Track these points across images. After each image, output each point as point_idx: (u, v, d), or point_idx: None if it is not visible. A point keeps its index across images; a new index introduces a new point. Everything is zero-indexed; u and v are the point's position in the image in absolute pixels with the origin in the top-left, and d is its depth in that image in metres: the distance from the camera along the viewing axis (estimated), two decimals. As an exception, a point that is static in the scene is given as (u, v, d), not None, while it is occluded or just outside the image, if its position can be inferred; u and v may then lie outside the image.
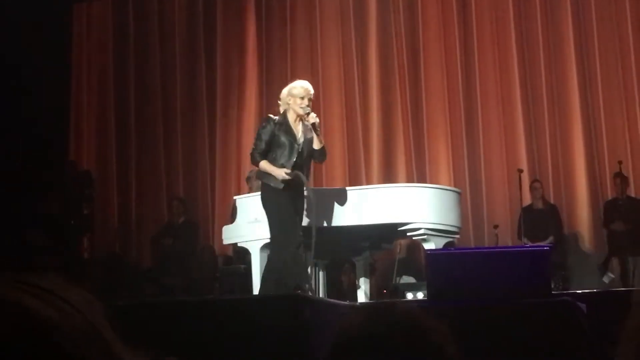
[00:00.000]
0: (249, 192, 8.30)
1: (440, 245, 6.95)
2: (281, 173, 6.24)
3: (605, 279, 9.32)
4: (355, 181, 10.24)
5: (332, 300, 5.79)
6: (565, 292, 5.50)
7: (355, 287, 7.88)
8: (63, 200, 9.80)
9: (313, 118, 6.34)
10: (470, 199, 10.30)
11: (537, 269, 4.70)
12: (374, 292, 9.46)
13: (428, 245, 6.91)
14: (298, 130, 6.42)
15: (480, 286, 4.76)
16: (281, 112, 6.50)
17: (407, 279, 9.43)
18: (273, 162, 6.34)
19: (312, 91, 6.47)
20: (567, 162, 10.30)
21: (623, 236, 9.12)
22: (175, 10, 11.68)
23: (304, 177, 6.40)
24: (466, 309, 4.72)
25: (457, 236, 7.51)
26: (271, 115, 6.55)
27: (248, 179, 8.74)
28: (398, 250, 9.70)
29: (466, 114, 10.57)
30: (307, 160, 6.51)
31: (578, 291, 5.49)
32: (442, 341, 1.18)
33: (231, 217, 7.71)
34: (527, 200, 9.91)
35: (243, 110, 11.24)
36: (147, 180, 11.41)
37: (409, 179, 10.31)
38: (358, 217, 6.87)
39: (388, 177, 10.45)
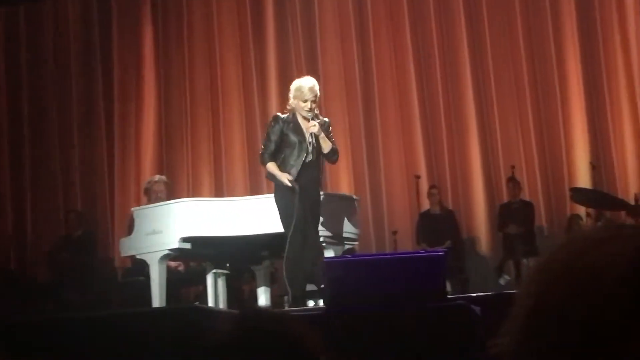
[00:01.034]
0: (147, 203, 8.22)
1: (340, 253, 7.00)
2: (284, 180, 6.20)
3: (502, 281, 9.52)
4: (256, 191, 10.21)
5: (229, 310, 5.76)
6: (460, 295, 5.59)
7: (256, 295, 7.88)
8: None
9: (313, 127, 6.23)
10: (370, 205, 10.41)
11: (433, 274, 4.78)
12: (275, 301, 9.47)
13: (328, 253, 6.94)
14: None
15: (377, 292, 4.80)
16: (289, 108, 6.41)
17: (309, 287, 9.45)
18: (283, 162, 6.29)
19: (317, 92, 6.37)
20: (464, 167, 10.51)
21: (517, 239, 9.35)
22: (69, 17, 11.46)
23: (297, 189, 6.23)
24: (364, 315, 4.76)
25: (356, 243, 7.57)
26: (279, 114, 6.45)
27: (146, 190, 8.64)
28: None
29: (365, 121, 10.68)
30: (318, 159, 6.40)
31: (473, 294, 5.60)
32: (313, 349, 1.19)
33: (129, 228, 7.61)
34: (425, 205, 10.08)
35: (141, 120, 11.12)
36: (43, 193, 11.14)
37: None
38: (257, 226, 6.87)
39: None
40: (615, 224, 0.97)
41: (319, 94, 6.41)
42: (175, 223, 6.91)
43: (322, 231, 6.87)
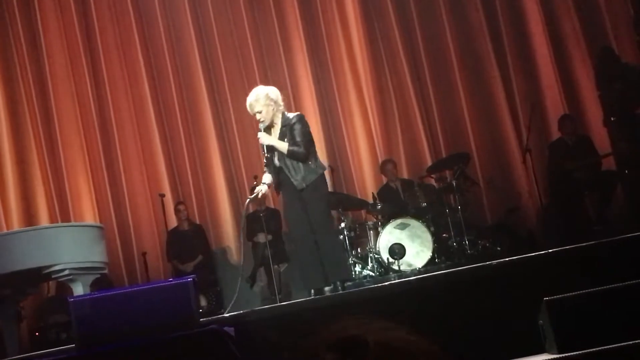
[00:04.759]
0: None
1: (88, 283, 6.80)
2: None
3: (256, 288, 9.66)
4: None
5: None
6: (212, 318, 5.61)
7: (1, 335, 7.49)
8: None
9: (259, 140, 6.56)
10: (117, 230, 10.23)
11: (182, 302, 4.74)
12: (25, 337, 9.08)
13: (75, 285, 6.72)
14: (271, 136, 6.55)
15: (128, 327, 4.71)
16: None
17: (60, 318, 9.15)
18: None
19: (251, 106, 6.45)
20: (208, 181, 10.56)
21: (266, 246, 9.51)
22: None
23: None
24: (116, 351, 4.66)
25: (105, 271, 7.39)
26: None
27: None
28: (46, 291, 9.40)
29: (104, 146, 10.47)
30: (284, 161, 6.50)
31: (226, 315, 5.63)
32: None
33: None
34: (173, 223, 10.02)
35: None
36: None
37: (53, 219, 10.01)
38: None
39: (29, 220, 10.04)
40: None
41: (255, 108, 6.44)
42: None
43: (68, 264, 6.65)
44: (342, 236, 8.74)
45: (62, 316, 9.05)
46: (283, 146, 6.45)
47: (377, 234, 8.69)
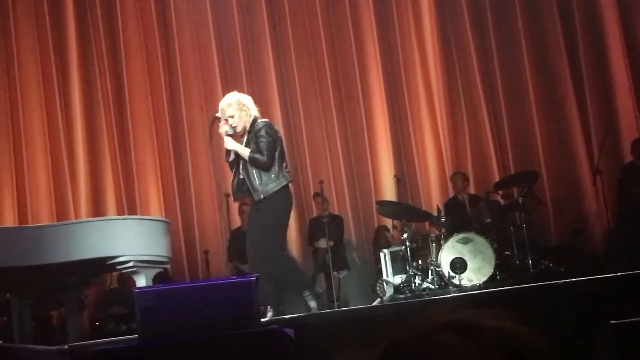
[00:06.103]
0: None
1: (151, 276, 6.87)
2: None
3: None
4: (63, 216, 9.89)
5: (31, 346, 5.53)
6: (273, 318, 5.64)
7: (65, 322, 7.64)
8: None
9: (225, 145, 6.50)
10: (182, 226, 10.33)
11: (245, 300, 4.78)
12: (86, 326, 9.22)
13: (138, 278, 6.81)
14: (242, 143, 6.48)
15: (190, 321, 4.76)
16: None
17: (120, 310, 9.28)
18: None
19: (223, 109, 6.43)
20: (274, 184, 10.60)
21: (327, 252, 9.52)
22: None
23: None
24: (177, 345, 4.71)
25: (168, 266, 7.47)
26: None
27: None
28: (109, 282, 9.54)
29: (174, 145, 10.59)
30: (246, 170, 6.41)
31: (286, 317, 5.66)
32: None
33: None
34: (236, 223, 10.09)
35: None
36: None
37: (120, 212, 10.14)
38: (63, 254, 6.63)
39: (97, 210, 10.20)
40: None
41: (227, 112, 6.42)
42: (-27, 254, 6.55)
43: (133, 256, 6.75)
44: (403, 247, 8.69)
45: (122, 308, 9.16)
46: (245, 152, 6.39)
47: (439, 247, 8.62)
